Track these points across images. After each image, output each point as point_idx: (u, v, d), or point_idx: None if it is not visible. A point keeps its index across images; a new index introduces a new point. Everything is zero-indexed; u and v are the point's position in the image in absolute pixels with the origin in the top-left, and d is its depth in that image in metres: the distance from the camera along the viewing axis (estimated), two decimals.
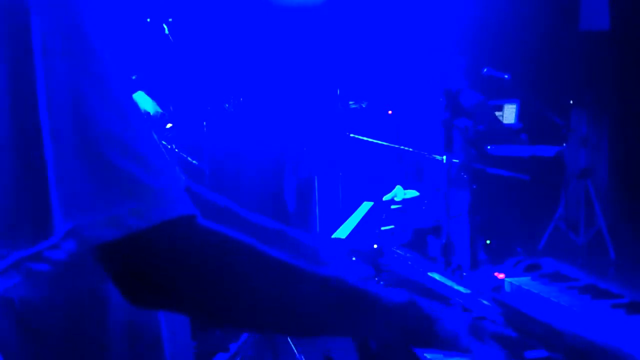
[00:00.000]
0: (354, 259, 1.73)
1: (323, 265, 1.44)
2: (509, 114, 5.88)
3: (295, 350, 3.07)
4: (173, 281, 0.81)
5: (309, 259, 1.43)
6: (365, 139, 3.67)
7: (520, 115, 5.85)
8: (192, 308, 0.86)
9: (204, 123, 5.12)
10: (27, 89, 0.82)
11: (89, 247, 0.78)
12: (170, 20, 4.49)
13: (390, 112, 5.64)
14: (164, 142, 4.61)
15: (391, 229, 2.27)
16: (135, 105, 0.84)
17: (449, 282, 1.65)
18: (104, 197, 0.78)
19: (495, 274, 1.48)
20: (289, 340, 3.05)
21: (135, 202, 0.78)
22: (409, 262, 1.92)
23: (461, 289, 1.58)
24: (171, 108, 4.80)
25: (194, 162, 4.79)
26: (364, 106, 5.34)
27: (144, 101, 4.76)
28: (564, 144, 5.33)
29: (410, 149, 3.45)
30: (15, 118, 0.83)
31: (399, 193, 2.51)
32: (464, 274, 1.66)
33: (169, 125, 4.60)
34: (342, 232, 2.23)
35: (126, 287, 0.81)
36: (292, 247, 1.44)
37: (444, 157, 2.06)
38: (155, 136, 0.86)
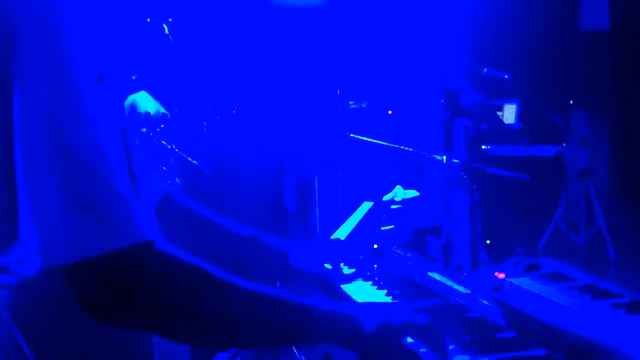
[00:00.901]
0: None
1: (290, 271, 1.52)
2: (509, 114, 5.87)
3: (295, 350, 3.07)
4: (130, 305, 0.85)
5: (280, 263, 1.48)
6: (365, 139, 3.67)
7: (520, 115, 5.85)
8: (149, 328, 0.91)
9: (204, 123, 5.12)
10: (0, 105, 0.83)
11: (51, 266, 0.81)
12: (170, 20, 4.49)
13: (390, 112, 5.64)
14: (163, 142, 4.61)
15: (391, 229, 2.27)
16: (112, 134, 0.86)
17: (449, 282, 1.65)
18: (68, 220, 0.80)
19: (496, 273, 1.48)
20: None
21: (95, 228, 0.81)
22: (409, 262, 1.92)
23: (461, 289, 1.58)
24: (175, 110, 4.80)
25: (194, 162, 4.79)
26: (364, 106, 5.34)
27: (146, 101, 4.75)
28: (564, 144, 5.33)
29: (410, 149, 3.45)
30: None
31: (399, 193, 2.51)
32: (464, 274, 1.66)
33: (160, 127, 4.59)
34: (342, 232, 2.22)
35: (88, 307, 0.84)
36: (264, 252, 1.47)
37: (444, 157, 2.05)
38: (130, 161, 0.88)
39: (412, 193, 2.55)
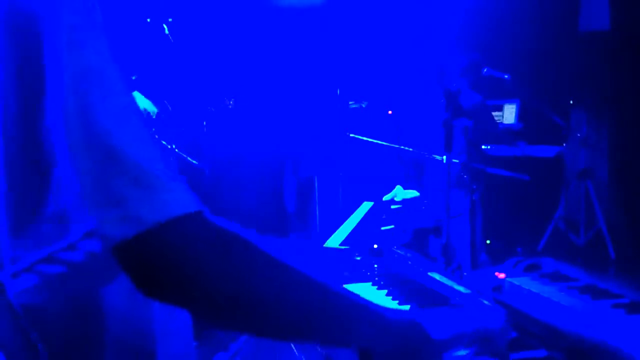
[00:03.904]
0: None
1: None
2: (509, 114, 5.88)
3: (295, 351, 3.07)
4: (184, 277, 0.81)
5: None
6: (365, 139, 3.67)
7: (520, 115, 5.85)
8: (198, 305, 0.85)
9: (204, 123, 5.12)
10: (34, 90, 0.82)
11: (107, 245, 0.78)
12: (170, 20, 4.49)
13: (390, 112, 5.64)
14: (163, 142, 4.61)
15: (391, 229, 2.27)
16: (140, 112, 0.85)
17: (449, 282, 1.65)
18: (119, 194, 0.78)
19: (496, 273, 1.48)
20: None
21: (150, 198, 0.78)
22: (409, 262, 1.92)
23: (461, 289, 1.58)
24: (170, 108, 4.80)
25: (194, 162, 4.79)
26: (364, 106, 5.35)
27: (141, 102, 4.76)
28: (564, 144, 5.33)
29: (410, 149, 3.45)
30: (23, 120, 0.84)
31: (399, 193, 2.51)
32: (464, 274, 1.66)
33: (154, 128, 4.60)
34: (342, 232, 2.23)
35: (140, 282, 0.81)
36: None
37: (444, 157, 2.05)
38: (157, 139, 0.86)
39: (412, 193, 2.55)
